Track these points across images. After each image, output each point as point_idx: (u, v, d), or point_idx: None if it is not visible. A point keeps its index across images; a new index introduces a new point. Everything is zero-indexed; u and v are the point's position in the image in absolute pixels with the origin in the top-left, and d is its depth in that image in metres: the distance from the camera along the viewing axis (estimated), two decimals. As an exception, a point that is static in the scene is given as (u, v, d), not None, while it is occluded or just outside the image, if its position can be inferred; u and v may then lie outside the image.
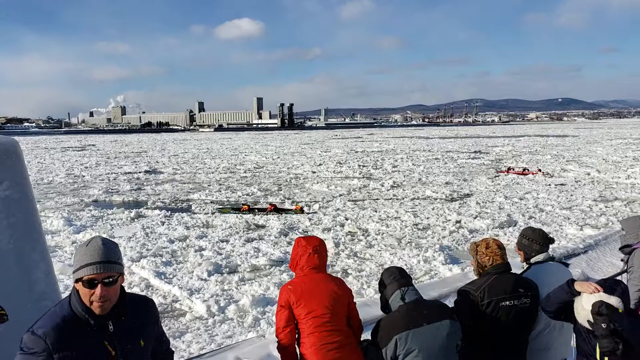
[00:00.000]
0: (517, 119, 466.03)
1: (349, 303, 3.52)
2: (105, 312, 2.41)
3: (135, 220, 20.68)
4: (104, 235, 15.41)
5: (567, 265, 4.19)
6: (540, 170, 34.23)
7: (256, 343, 6.43)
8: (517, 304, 3.57)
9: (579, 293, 3.03)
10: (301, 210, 21.61)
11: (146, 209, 23.11)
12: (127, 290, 8.74)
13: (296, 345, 3.43)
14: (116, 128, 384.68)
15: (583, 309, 2.97)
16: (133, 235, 17.73)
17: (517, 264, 4.23)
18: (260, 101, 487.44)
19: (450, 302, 3.93)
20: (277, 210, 21.77)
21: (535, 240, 3.96)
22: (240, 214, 21.35)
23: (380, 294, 3.63)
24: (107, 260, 2.38)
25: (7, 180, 3.89)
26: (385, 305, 3.57)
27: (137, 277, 12.95)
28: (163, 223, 19.79)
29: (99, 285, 2.35)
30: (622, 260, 5.49)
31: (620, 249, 5.41)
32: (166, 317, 10.59)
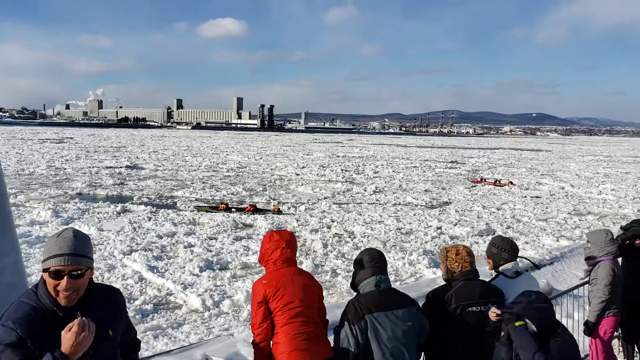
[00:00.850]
0: (492, 132, 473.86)
1: (319, 296, 3.60)
2: (71, 303, 2.40)
3: (122, 214, 20.84)
4: (93, 229, 15.65)
5: (538, 267, 4.51)
6: (511, 182, 35.43)
7: (225, 341, 6.45)
8: (484, 310, 3.61)
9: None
10: (278, 211, 22.05)
11: (132, 204, 23.25)
12: (122, 282, 9.10)
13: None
14: (92, 122, 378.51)
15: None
16: (121, 229, 17.91)
17: (486, 272, 4.29)
18: (240, 101, 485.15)
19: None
20: (256, 210, 22.11)
21: (504, 249, 4.02)
22: (227, 213, 21.62)
23: (354, 271, 3.70)
24: (76, 253, 2.37)
25: None
26: (356, 284, 3.66)
27: (129, 270, 13.20)
28: (150, 218, 19.99)
29: (65, 277, 2.33)
30: (585, 271, 5.71)
31: (585, 259, 5.59)
32: (162, 308, 10.92)
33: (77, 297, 2.40)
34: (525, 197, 29.24)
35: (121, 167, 40.72)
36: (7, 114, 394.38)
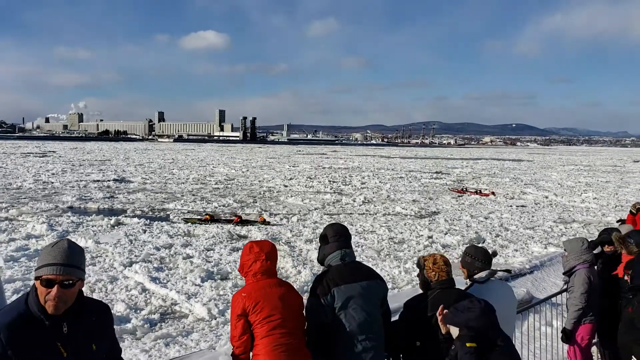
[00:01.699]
0: (472, 142, 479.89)
1: (299, 306, 3.58)
2: (58, 312, 2.44)
3: (116, 227, 20.91)
4: (90, 241, 15.81)
5: (509, 272, 4.60)
6: (493, 192, 36.27)
7: (206, 355, 6.51)
8: None
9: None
10: (264, 222, 22.39)
11: (125, 216, 23.32)
12: (126, 293, 9.41)
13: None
14: (72, 135, 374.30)
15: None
16: (118, 241, 18.02)
17: (462, 282, 4.35)
18: (222, 113, 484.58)
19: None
20: (242, 222, 22.37)
21: (478, 258, 4.06)
22: (220, 225, 21.85)
23: (320, 246, 3.82)
24: (69, 263, 2.44)
25: None
26: (322, 259, 3.77)
27: (132, 281, 13.37)
28: (145, 231, 20.12)
29: (56, 286, 2.39)
30: (563, 281, 5.89)
31: (564, 273, 5.71)
32: (169, 318, 11.15)
33: (64, 307, 2.45)
34: (511, 206, 29.92)
35: (109, 181, 40.61)
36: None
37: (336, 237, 3.73)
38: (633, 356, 4.45)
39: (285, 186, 39.48)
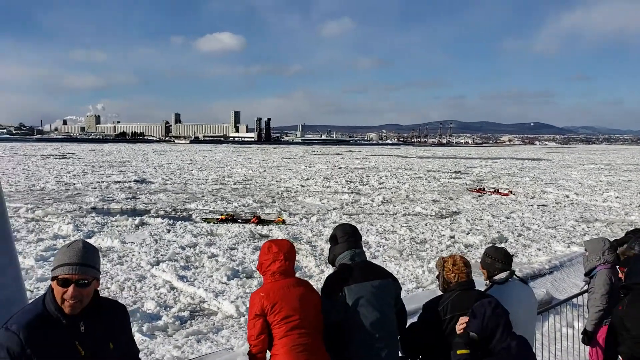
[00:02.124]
0: (490, 141, 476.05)
1: (317, 306, 3.55)
2: (75, 312, 2.48)
3: (140, 227, 21.25)
4: (116, 241, 16.13)
5: (526, 283, 4.33)
6: (510, 191, 36.04)
7: (224, 355, 6.52)
8: None
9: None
10: (283, 222, 22.57)
11: (149, 217, 23.67)
12: (154, 291, 9.61)
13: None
14: (90, 137, 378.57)
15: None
16: (143, 241, 18.34)
17: (482, 283, 4.31)
18: (237, 115, 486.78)
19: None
20: (260, 221, 22.59)
21: (498, 259, 4.04)
22: (242, 224, 22.07)
23: (330, 247, 3.84)
24: (84, 263, 2.48)
25: None
26: (333, 260, 3.79)
27: (160, 280, 13.61)
28: (169, 230, 20.43)
29: (72, 286, 2.43)
30: (584, 281, 5.78)
31: (585, 274, 5.61)
32: (198, 315, 11.35)
33: (80, 306, 2.49)
34: (531, 205, 29.74)
35: (130, 182, 41.18)
36: (4, 130, 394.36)
37: (345, 238, 3.75)
38: (619, 355, 4.32)
39: (303, 186, 39.65)
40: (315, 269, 15.01)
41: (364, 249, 12.59)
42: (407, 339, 3.84)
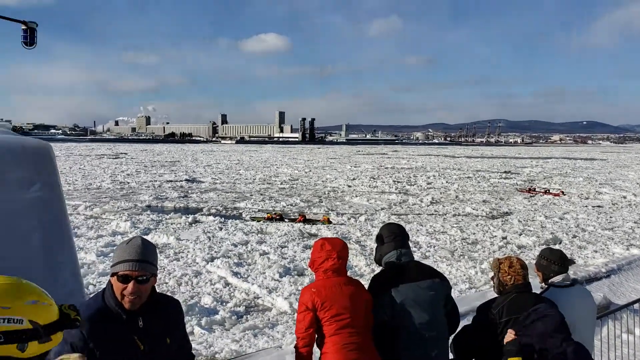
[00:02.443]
0: (540, 141, 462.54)
1: (367, 305, 3.55)
2: (135, 308, 2.55)
3: (193, 225, 21.85)
4: (172, 238, 16.66)
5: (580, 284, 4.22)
6: (562, 192, 34.93)
7: (272, 353, 6.58)
8: None
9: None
10: (328, 221, 22.68)
11: (201, 215, 24.31)
12: (210, 286, 9.91)
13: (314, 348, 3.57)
14: (140, 137, 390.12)
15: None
16: (197, 238, 18.86)
17: (537, 285, 4.19)
18: (282, 115, 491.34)
19: (468, 320, 4.07)
20: (306, 220, 22.80)
21: (554, 261, 3.96)
22: (291, 223, 22.35)
23: (376, 247, 3.82)
24: (143, 259, 2.54)
25: (39, 182, 3.94)
26: (379, 260, 3.78)
27: (215, 276, 14.01)
28: (221, 228, 20.92)
29: (132, 282, 2.50)
30: None
31: None
32: (253, 310, 11.64)
33: (140, 302, 2.56)
34: (586, 206, 28.80)
35: (181, 181, 42.34)
36: (59, 131, 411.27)
37: (391, 237, 3.72)
38: None
39: (349, 186, 39.71)
40: (365, 269, 15.07)
41: (415, 249, 12.50)
42: (459, 342, 3.80)
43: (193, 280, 13.61)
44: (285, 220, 23.17)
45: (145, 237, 13.29)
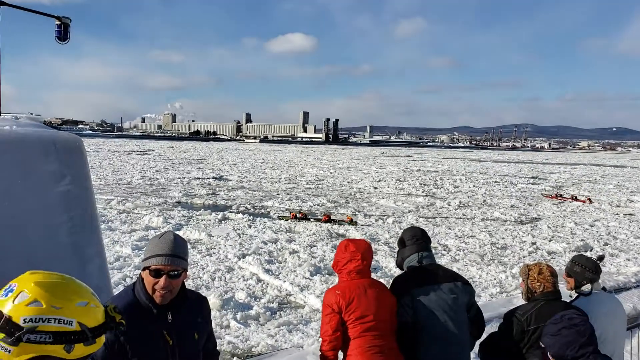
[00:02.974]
0: (568, 147, 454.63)
1: (392, 307, 3.52)
2: (165, 302, 2.57)
3: (223, 222, 22.18)
4: (203, 234, 16.97)
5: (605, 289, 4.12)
6: (589, 199, 34.41)
7: (294, 353, 6.57)
8: None
9: None
10: (352, 222, 22.79)
11: (230, 212, 24.64)
12: (243, 282, 10.16)
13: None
14: (166, 135, 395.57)
15: None
16: (227, 235, 19.17)
17: (565, 293, 4.09)
18: (306, 115, 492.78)
19: (493, 327, 4.10)
20: (330, 220, 22.99)
21: (588, 268, 3.87)
22: (318, 223, 22.52)
23: (398, 250, 3.84)
24: (175, 254, 2.55)
25: (69, 176, 3.96)
26: (400, 263, 3.78)
27: (247, 272, 14.26)
28: (250, 226, 21.22)
29: (164, 276, 2.51)
30: None
31: None
32: (286, 307, 11.83)
33: (170, 297, 2.58)
34: (617, 214, 28.34)
35: (209, 179, 42.90)
36: (87, 126, 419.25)
37: (413, 240, 3.72)
38: None
39: (375, 188, 39.74)
40: (395, 270, 15.11)
41: (444, 252, 12.69)
42: (486, 349, 3.77)
43: (226, 275, 13.88)
44: (311, 219, 23.34)
45: (177, 232, 13.58)
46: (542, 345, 2.98)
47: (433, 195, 35.75)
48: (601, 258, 4.02)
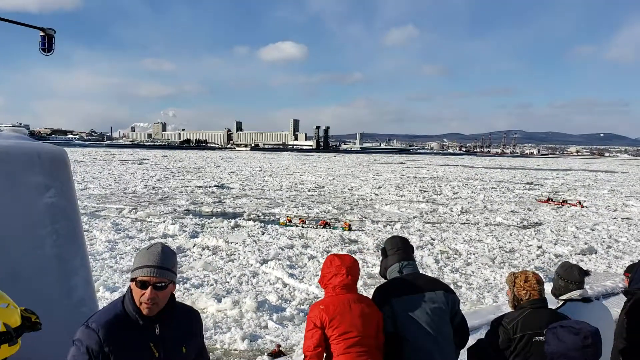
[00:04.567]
0: (557, 152, 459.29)
1: (378, 324, 3.43)
2: (152, 314, 2.55)
3: (236, 229, 22.69)
4: (220, 240, 17.48)
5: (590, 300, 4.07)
6: (580, 203, 35.40)
7: None
8: None
9: None
10: (349, 227, 23.49)
11: (241, 219, 25.16)
12: (271, 286, 10.86)
13: None
14: (156, 144, 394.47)
15: None
16: (243, 241, 19.70)
17: (552, 300, 4.07)
18: (297, 123, 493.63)
19: (481, 334, 4.11)
20: (327, 225, 23.85)
21: (572, 281, 3.89)
22: (331, 229, 23.09)
23: (381, 260, 3.83)
24: (162, 266, 2.54)
25: (54, 188, 3.93)
26: (384, 273, 3.76)
27: (272, 276, 14.81)
28: (263, 233, 21.77)
29: (150, 288, 2.50)
30: None
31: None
32: (316, 309, 12.34)
33: (157, 308, 2.56)
34: (615, 218, 29.20)
35: (212, 187, 43.32)
36: (77, 136, 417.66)
37: (394, 250, 3.72)
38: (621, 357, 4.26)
39: (376, 194, 40.38)
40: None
41: (455, 256, 13.30)
42: (473, 356, 3.77)
43: (252, 280, 14.42)
44: (313, 225, 24.00)
45: (194, 239, 14.09)
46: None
47: (434, 201, 36.46)
48: (587, 273, 3.95)
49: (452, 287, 14.12)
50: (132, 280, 2.56)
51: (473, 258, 17.96)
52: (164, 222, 23.46)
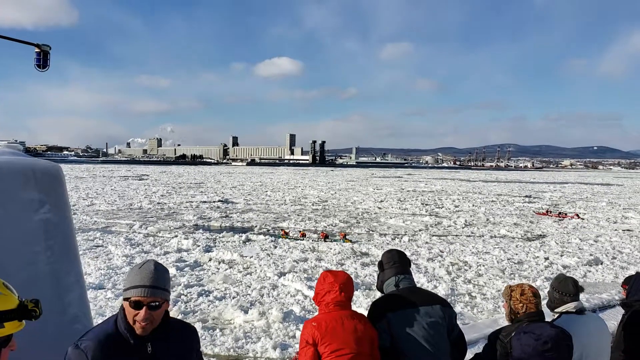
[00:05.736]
0: (551, 165, 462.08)
1: (372, 341, 3.40)
2: (146, 333, 2.53)
3: (247, 243, 23.07)
4: (235, 254, 17.90)
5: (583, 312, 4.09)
6: (577, 214, 36.12)
7: None
8: None
9: None
10: (345, 238, 23.99)
11: (252, 234, 25.53)
12: (291, 298, 11.40)
13: None
14: (152, 159, 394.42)
15: None
16: (257, 255, 20.07)
17: (548, 313, 4.17)
18: (293, 138, 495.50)
19: (479, 348, 4.27)
20: (327, 237, 24.37)
21: (567, 294, 3.93)
22: (340, 242, 23.50)
23: (378, 274, 3.89)
24: (155, 285, 2.52)
25: (48, 204, 3.93)
26: (380, 287, 3.82)
27: (292, 289, 15.18)
28: (275, 246, 22.13)
29: (144, 308, 2.49)
30: None
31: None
32: (340, 320, 12.73)
33: (151, 328, 2.56)
34: (616, 230, 29.76)
35: (216, 202, 43.67)
36: (72, 152, 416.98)
37: (390, 264, 3.76)
38: None
39: (379, 208, 40.83)
40: (429, 285, 16.12)
41: (466, 267, 13.81)
42: None
43: (272, 292, 14.79)
44: (310, 239, 24.43)
45: (208, 253, 14.46)
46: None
47: (437, 214, 36.95)
48: (581, 289, 4.00)
49: (467, 297, 14.64)
50: (126, 299, 2.55)
51: (483, 269, 18.40)
52: (176, 236, 23.83)
